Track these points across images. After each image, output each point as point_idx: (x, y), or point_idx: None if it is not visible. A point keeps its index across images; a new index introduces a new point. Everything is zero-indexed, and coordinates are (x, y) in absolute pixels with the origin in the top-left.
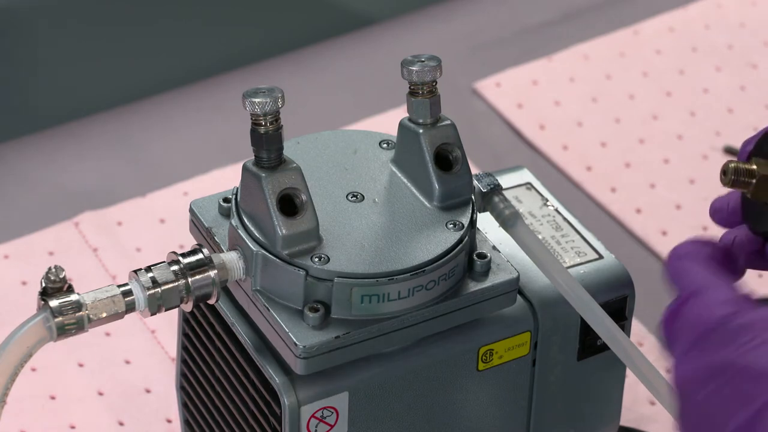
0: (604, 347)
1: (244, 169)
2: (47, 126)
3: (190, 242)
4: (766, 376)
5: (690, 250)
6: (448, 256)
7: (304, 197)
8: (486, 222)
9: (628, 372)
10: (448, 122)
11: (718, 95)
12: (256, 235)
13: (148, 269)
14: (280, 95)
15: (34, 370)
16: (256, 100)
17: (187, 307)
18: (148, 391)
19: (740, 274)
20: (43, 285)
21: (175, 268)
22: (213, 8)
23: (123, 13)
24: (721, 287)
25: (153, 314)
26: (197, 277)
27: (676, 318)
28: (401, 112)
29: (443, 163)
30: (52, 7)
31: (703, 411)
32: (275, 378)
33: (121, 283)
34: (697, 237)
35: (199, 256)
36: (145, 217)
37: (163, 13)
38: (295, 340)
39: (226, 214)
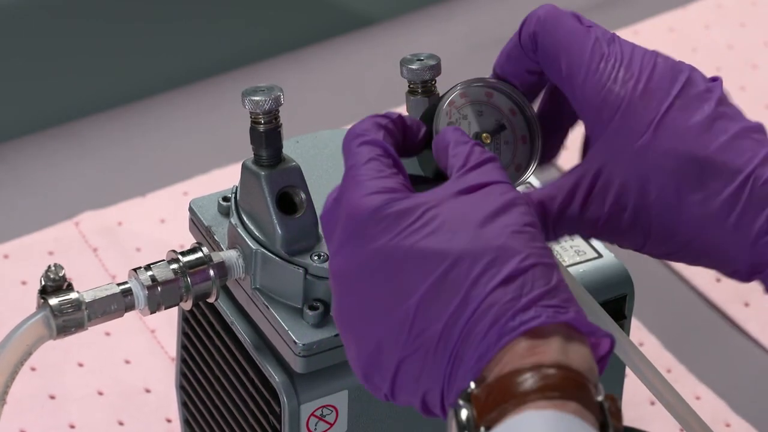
0: None
1: (244, 167)
2: (47, 126)
3: (190, 242)
4: (434, 255)
5: (363, 130)
6: None
7: (303, 195)
8: None
9: (628, 371)
10: None
11: None
12: (256, 233)
13: (148, 267)
14: (279, 94)
15: (33, 369)
16: (255, 98)
17: (187, 305)
18: (147, 391)
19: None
20: (43, 283)
21: (174, 266)
22: (213, 8)
23: (123, 14)
24: (382, 174)
25: (152, 312)
26: (196, 275)
27: (336, 204)
28: (401, 112)
29: None
30: (52, 7)
31: (372, 294)
32: (275, 376)
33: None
34: (379, 120)
35: (199, 254)
36: (145, 217)
37: (162, 14)
38: (294, 338)
39: (225, 212)
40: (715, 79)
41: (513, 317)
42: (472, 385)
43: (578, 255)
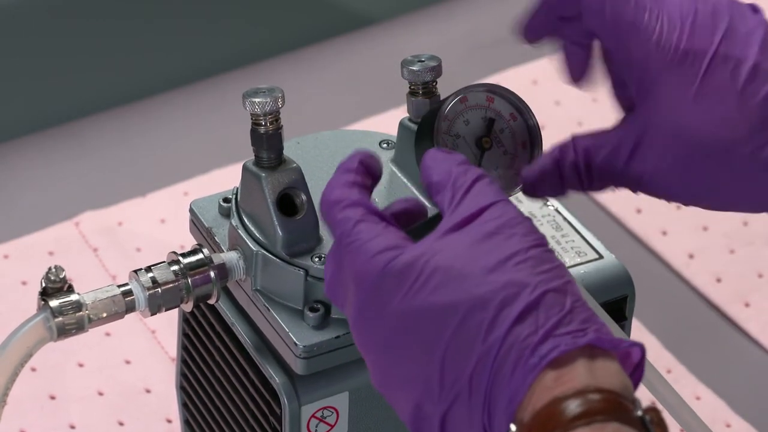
0: None
1: (244, 169)
2: (47, 126)
3: (191, 242)
4: (445, 309)
5: (339, 196)
6: None
7: (304, 197)
8: None
9: None
10: None
11: None
12: (256, 234)
13: (148, 269)
14: (280, 95)
15: (34, 370)
16: (256, 100)
17: (187, 307)
18: (148, 391)
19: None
20: (43, 285)
21: (175, 268)
22: (213, 8)
23: (123, 14)
24: (375, 234)
25: (153, 314)
26: (197, 277)
27: (339, 274)
28: (401, 112)
29: None
30: (52, 7)
31: (397, 357)
32: (275, 378)
33: (121, 283)
34: (347, 177)
35: (199, 256)
36: (145, 217)
37: (163, 13)
38: (295, 339)
39: (226, 214)
40: (756, 10)
41: (532, 353)
42: (513, 427)
43: (579, 256)
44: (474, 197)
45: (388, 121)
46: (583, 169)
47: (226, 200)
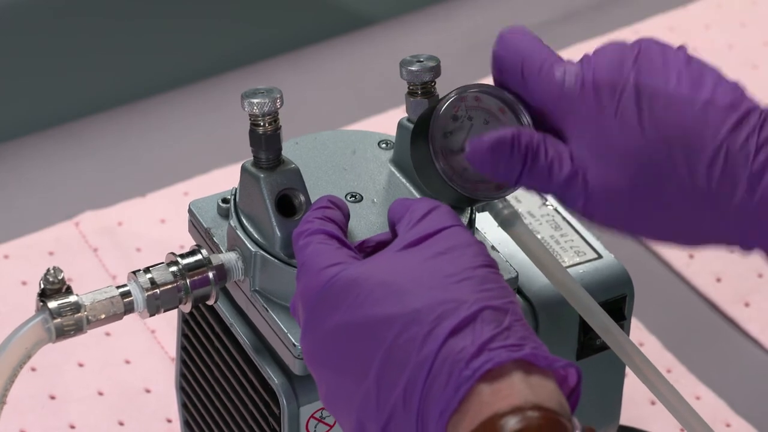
0: (604, 347)
1: (243, 169)
2: (47, 126)
3: (190, 242)
4: (383, 323)
5: (303, 228)
6: None
7: (302, 198)
8: (485, 222)
9: (628, 371)
10: None
11: None
12: (255, 235)
13: (147, 270)
14: (278, 96)
15: (34, 370)
16: (255, 100)
17: (186, 307)
18: (148, 391)
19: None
20: (42, 286)
21: (173, 269)
22: (213, 8)
23: (123, 13)
24: (324, 253)
25: (152, 315)
26: (196, 278)
27: (295, 301)
28: (401, 112)
29: None
30: (52, 8)
31: (338, 372)
32: (274, 379)
33: (121, 283)
34: (314, 214)
35: (198, 257)
36: (145, 217)
37: (162, 14)
38: (293, 340)
39: (224, 214)
40: (681, 47)
41: (466, 365)
42: None
43: (578, 256)
44: (429, 221)
45: (388, 121)
46: (529, 159)
47: (225, 201)
